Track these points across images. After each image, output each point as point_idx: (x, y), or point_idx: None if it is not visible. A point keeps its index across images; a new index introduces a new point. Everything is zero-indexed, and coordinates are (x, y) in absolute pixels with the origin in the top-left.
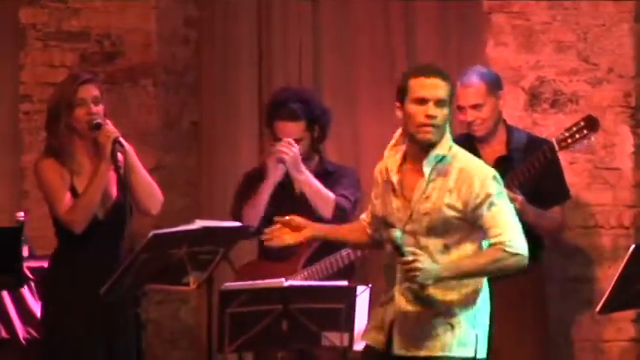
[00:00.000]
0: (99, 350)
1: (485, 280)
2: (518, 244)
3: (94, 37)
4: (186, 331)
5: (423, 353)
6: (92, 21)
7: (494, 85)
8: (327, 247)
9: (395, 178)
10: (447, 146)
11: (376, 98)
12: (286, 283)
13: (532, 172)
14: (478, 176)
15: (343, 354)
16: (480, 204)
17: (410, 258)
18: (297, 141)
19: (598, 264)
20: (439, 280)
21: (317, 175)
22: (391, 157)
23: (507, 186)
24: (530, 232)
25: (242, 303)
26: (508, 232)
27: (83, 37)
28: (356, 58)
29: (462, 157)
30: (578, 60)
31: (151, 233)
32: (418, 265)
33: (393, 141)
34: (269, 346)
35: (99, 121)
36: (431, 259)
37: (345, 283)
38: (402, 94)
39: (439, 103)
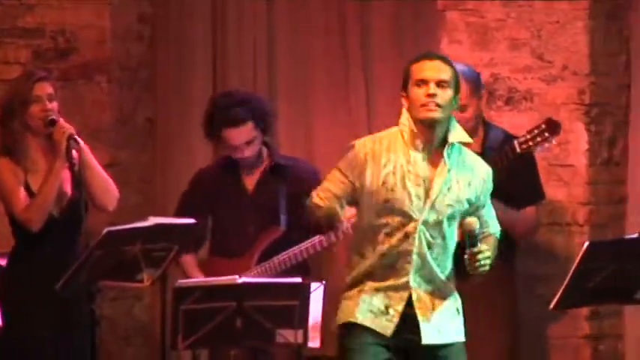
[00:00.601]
0: (54, 347)
1: None
2: (498, 231)
3: (48, 33)
4: (140, 328)
5: (446, 340)
6: (46, 17)
7: (476, 85)
8: (280, 243)
9: (419, 164)
10: (461, 136)
11: (331, 98)
12: (240, 280)
13: (498, 168)
14: (488, 172)
15: (297, 351)
16: (484, 198)
17: (482, 248)
18: (249, 143)
19: (552, 261)
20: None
21: (270, 171)
22: (385, 139)
23: None
24: (504, 234)
25: (196, 300)
26: (497, 224)
27: (37, 34)
28: (311, 58)
29: (473, 158)
30: (532, 57)
31: (105, 230)
32: (488, 254)
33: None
34: (223, 344)
35: (54, 117)
36: (445, 248)
37: (298, 279)
38: (405, 82)
39: (441, 83)
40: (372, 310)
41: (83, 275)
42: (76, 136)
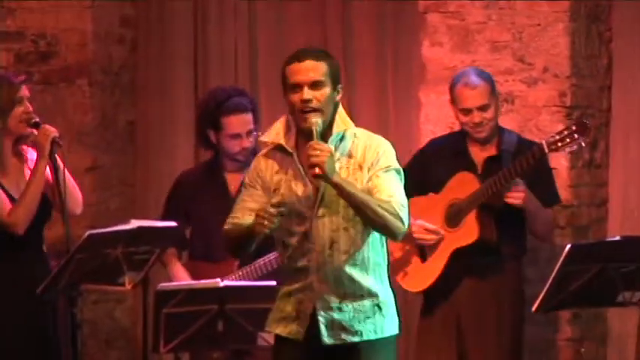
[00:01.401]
0: (35, 351)
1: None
2: (404, 213)
3: (29, 37)
4: (122, 331)
5: (357, 339)
6: (27, 21)
7: (494, 86)
8: (262, 248)
9: (299, 165)
10: (345, 124)
11: None
12: (222, 284)
13: (520, 172)
14: (382, 146)
15: None
16: (379, 165)
17: (318, 142)
18: (249, 134)
19: (534, 263)
20: (330, 177)
21: None
22: (272, 150)
23: (501, 181)
24: (517, 236)
25: (178, 303)
26: (400, 199)
27: (18, 37)
28: None
29: (363, 134)
30: (513, 60)
31: (87, 233)
32: (325, 147)
33: (279, 128)
34: (204, 347)
35: (37, 120)
36: (353, 240)
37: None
38: (283, 85)
39: (314, 85)
40: (285, 316)
41: (64, 279)
42: (59, 140)
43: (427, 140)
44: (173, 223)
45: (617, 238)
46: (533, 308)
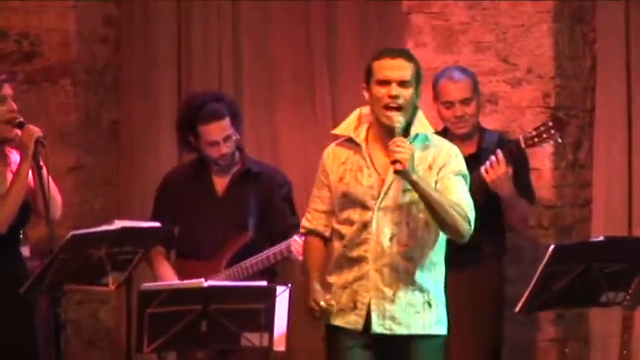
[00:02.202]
0: (20, 351)
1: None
2: (472, 216)
3: (12, 36)
4: (106, 332)
5: (404, 331)
6: (11, 21)
7: (477, 83)
8: (250, 247)
9: (367, 155)
10: (424, 127)
11: (296, 100)
12: (206, 284)
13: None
14: (454, 150)
15: (266, 354)
16: (450, 168)
17: (403, 140)
18: (227, 139)
19: (517, 264)
20: (410, 174)
21: (240, 176)
22: (342, 142)
23: (479, 178)
24: (498, 235)
25: (161, 303)
26: (469, 202)
27: (2, 37)
28: (276, 59)
29: (436, 138)
30: (497, 60)
31: (70, 233)
32: (408, 146)
33: (352, 121)
34: (188, 347)
35: (22, 119)
36: (413, 235)
37: (264, 283)
38: (368, 76)
39: (403, 83)
40: (344, 307)
41: (48, 279)
42: (43, 140)
43: None
44: (157, 224)
45: (601, 238)
46: (517, 308)
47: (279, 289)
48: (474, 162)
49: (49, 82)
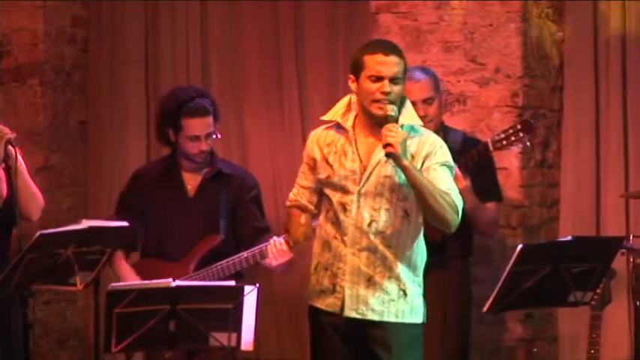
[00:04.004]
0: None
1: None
2: (460, 207)
3: None
4: (74, 331)
5: (376, 317)
6: None
7: (438, 82)
8: (219, 250)
9: (353, 139)
10: (413, 118)
11: (264, 98)
12: (174, 284)
13: (465, 169)
14: (439, 141)
15: (232, 354)
16: (436, 158)
17: (396, 126)
18: (208, 137)
19: (486, 264)
20: (401, 159)
21: (212, 178)
22: (330, 126)
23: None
24: (465, 235)
25: (129, 303)
26: (457, 193)
27: None
28: (244, 58)
29: (424, 131)
30: (465, 60)
31: (38, 233)
32: (401, 131)
33: (340, 107)
34: (156, 347)
35: None
36: (392, 223)
37: (232, 283)
38: (356, 69)
39: (395, 80)
40: (324, 289)
41: (16, 279)
42: (14, 141)
43: None
44: (125, 223)
45: (569, 238)
46: (485, 308)
47: (247, 288)
48: None
49: (17, 82)
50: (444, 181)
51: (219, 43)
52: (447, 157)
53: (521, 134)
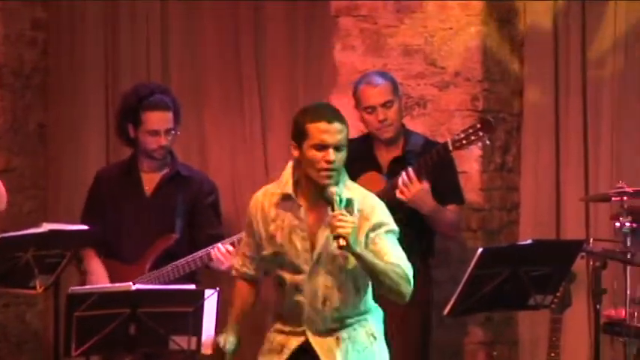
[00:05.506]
0: None
1: None
2: (412, 276)
3: None
4: (33, 335)
5: None
6: None
7: (396, 86)
8: (174, 251)
9: (304, 217)
10: (351, 189)
11: (224, 100)
12: (134, 287)
13: (424, 169)
14: (379, 205)
15: (191, 357)
16: (376, 227)
17: (343, 213)
18: (168, 133)
19: (445, 266)
20: (354, 248)
21: (170, 179)
22: (276, 195)
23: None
24: (426, 236)
25: (89, 306)
26: (407, 262)
27: None
28: (204, 62)
29: (358, 190)
30: (425, 64)
31: None
32: (349, 219)
33: (288, 177)
34: (116, 350)
35: None
36: (345, 301)
37: (192, 286)
38: (299, 136)
39: (338, 147)
40: (272, 348)
41: None
42: None
43: None
44: (84, 226)
45: (529, 241)
46: (445, 311)
47: (208, 292)
48: (398, 165)
49: None
50: (391, 251)
51: (180, 45)
52: (390, 220)
53: (480, 133)
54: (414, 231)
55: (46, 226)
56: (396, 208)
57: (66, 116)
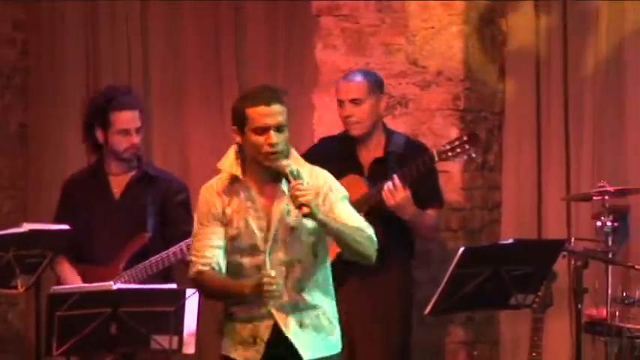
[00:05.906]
0: None
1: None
2: (375, 239)
3: None
4: (14, 334)
5: (327, 353)
6: None
7: (375, 85)
8: (147, 250)
9: (255, 197)
10: (296, 160)
11: (204, 101)
12: (115, 287)
13: (409, 179)
14: (323, 174)
15: (172, 357)
16: (330, 196)
17: (301, 183)
18: (138, 130)
19: (426, 266)
20: (317, 215)
21: (138, 180)
22: (223, 179)
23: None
24: (407, 238)
25: (71, 306)
26: (366, 223)
27: None
28: (185, 61)
29: (308, 169)
30: (407, 63)
31: None
32: (309, 187)
33: (232, 159)
34: (98, 350)
35: None
36: (306, 270)
37: (174, 286)
38: (239, 122)
39: (280, 128)
40: (242, 341)
41: None
42: None
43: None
44: (66, 226)
45: (510, 241)
46: (427, 311)
47: (189, 291)
48: (381, 166)
49: None
50: (351, 215)
51: (160, 45)
52: (339, 186)
53: (467, 146)
54: (395, 233)
55: (26, 226)
56: (378, 212)
57: (46, 116)
